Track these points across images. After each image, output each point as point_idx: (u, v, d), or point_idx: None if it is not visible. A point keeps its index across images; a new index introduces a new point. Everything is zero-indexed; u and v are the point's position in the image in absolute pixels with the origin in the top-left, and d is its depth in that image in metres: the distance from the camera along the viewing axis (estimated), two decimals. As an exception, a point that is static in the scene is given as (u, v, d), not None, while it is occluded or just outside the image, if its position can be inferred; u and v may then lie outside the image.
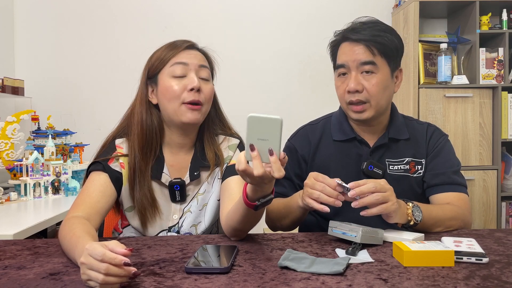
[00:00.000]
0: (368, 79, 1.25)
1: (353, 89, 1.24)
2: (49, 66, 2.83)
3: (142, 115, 1.20)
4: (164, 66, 1.18)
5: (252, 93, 2.86)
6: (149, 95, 1.22)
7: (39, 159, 2.02)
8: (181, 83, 1.16)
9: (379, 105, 1.27)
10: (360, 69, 1.25)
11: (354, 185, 1.03)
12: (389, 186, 1.06)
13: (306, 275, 0.82)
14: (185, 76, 1.17)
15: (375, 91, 1.25)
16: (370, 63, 1.24)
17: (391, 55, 1.27)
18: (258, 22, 2.90)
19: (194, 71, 1.18)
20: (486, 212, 2.57)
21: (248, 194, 0.97)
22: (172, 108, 1.16)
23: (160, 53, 1.21)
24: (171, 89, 1.16)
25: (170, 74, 1.17)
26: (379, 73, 1.25)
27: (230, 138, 1.30)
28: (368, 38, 1.24)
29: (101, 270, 0.74)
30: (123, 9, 2.84)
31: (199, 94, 1.16)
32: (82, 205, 1.10)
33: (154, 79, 1.21)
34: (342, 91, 1.29)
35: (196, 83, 1.15)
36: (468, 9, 2.66)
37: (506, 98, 2.58)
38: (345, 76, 1.29)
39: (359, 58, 1.24)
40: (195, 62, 1.19)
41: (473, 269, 0.86)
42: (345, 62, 1.27)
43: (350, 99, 1.27)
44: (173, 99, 1.16)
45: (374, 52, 1.24)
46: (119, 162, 1.20)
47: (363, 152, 1.33)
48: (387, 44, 1.25)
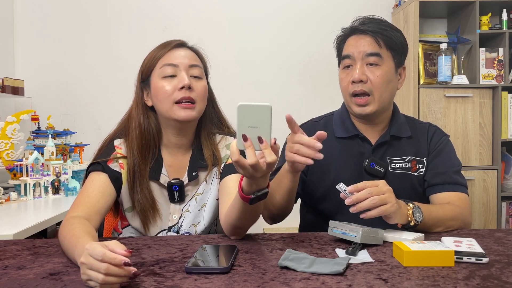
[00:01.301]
0: (372, 70, 1.26)
1: (358, 79, 1.25)
2: (49, 66, 2.83)
3: (139, 119, 1.21)
4: (154, 67, 1.19)
5: (252, 93, 2.86)
6: (145, 98, 1.23)
7: (39, 159, 2.02)
8: (172, 83, 1.17)
9: (382, 99, 1.27)
10: (365, 61, 1.26)
11: (352, 188, 1.03)
12: (387, 188, 1.05)
13: (306, 275, 0.82)
14: (176, 75, 1.18)
15: (379, 83, 1.25)
16: (376, 54, 1.25)
17: (397, 50, 1.29)
18: (258, 22, 2.90)
19: (185, 70, 1.18)
20: (486, 212, 2.56)
21: (243, 188, 0.97)
22: (165, 108, 1.17)
23: (151, 55, 1.22)
24: (162, 90, 1.16)
25: (160, 75, 1.18)
26: (384, 66, 1.26)
27: (228, 137, 1.31)
28: (375, 30, 1.26)
29: (101, 270, 0.74)
30: (123, 9, 2.84)
31: (190, 91, 1.17)
32: (82, 205, 1.10)
33: (147, 81, 1.22)
34: (346, 83, 1.30)
35: (186, 81, 1.15)
36: (468, 9, 2.66)
37: (506, 98, 2.58)
38: (350, 68, 1.30)
39: (365, 49, 1.26)
40: (185, 62, 1.19)
41: (473, 269, 0.86)
42: (351, 53, 1.28)
43: (354, 90, 1.27)
44: (165, 99, 1.16)
45: (381, 44, 1.26)
46: (118, 162, 1.20)
47: (365, 149, 1.33)
48: (393, 38, 1.27)
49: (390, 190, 1.06)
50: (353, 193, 1.03)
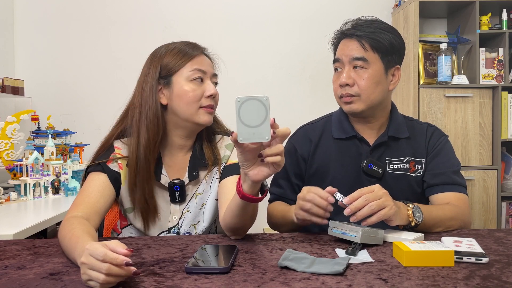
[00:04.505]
0: (359, 73, 1.28)
1: (344, 83, 1.28)
2: (49, 66, 2.83)
3: (157, 115, 1.17)
4: (181, 68, 1.18)
5: (251, 93, 2.84)
6: (159, 95, 1.20)
7: (39, 159, 2.02)
8: (200, 89, 1.18)
9: (370, 99, 1.28)
10: (352, 64, 1.28)
11: (349, 200, 1.04)
12: (383, 192, 1.05)
13: (306, 275, 0.82)
14: (202, 81, 1.19)
15: (365, 86, 1.27)
16: (361, 59, 1.27)
17: (385, 51, 1.28)
18: (258, 22, 2.90)
19: (210, 78, 1.21)
20: (486, 212, 2.56)
21: (244, 188, 0.97)
22: (190, 112, 1.18)
23: (176, 54, 1.19)
24: (192, 94, 1.17)
25: (189, 78, 1.18)
26: (370, 69, 1.27)
27: (226, 137, 1.31)
28: (361, 34, 1.28)
29: (102, 270, 0.74)
30: (123, 9, 2.84)
31: (214, 100, 1.21)
32: (81, 205, 1.10)
33: (167, 80, 1.19)
34: (336, 86, 1.33)
35: (214, 90, 1.20)
36: (468, 9, 2.66)
37: (506, 98, 2.58)
38: (339, 71, 1.32)
39: (351, 53, 1.28)
40: (210, 70, 1.22)
41: (473, 269, 0.86)
42: (339, 56, 1.32)
43: (341, 93, 1.30)
44: (192, 103, 1.17)
45: (366, 48, 1.27)
46: (117, 162, 1.20)
47: (363, 150, 1.33)
48: (380, 40, 1.27)
49: (386, 193, 1.06)
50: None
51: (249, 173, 0.92)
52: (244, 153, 0.90)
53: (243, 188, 0.97)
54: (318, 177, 1.35)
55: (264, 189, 1.01)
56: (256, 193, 0.98)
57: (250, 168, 0.92)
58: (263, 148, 0.90)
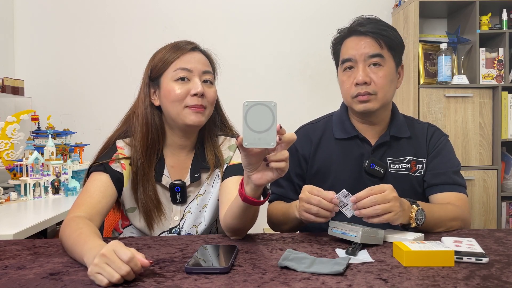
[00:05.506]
0: (375, 71, 1.26)
1: (362, 81, 1.25)
2: (49, 66, 2.83)
3: (146, 117, 1.19)
4: (167, 69, 1.17)
5: (251, 93, 2.86)
6: (151, 97, 1.21)
7: (39, 159, 2.02)
8: (184, 87, 1.15)
9: (385, 98, 1.28)
10: (368, 62, 1.26)
11: (356, 199, 1.03)
12: (392, 196, 1.03)
13: (306, 275, 0.82)
14: (189, 79, 1.17)
15: (383, 83, 1.26)
16: (378, 55, 1.26)
17: (397, 49, 1.29)
18: (258, 22, 2.90)
19: (198, 76, 1.17)
20: (486, 212, 2.56)
21: (246, 191, 0.97)
22: (175, 111, 1.16)
23: (163, 54, 1.19)
24: (174, 93, 1.15)
25: (173, 78, 1.16)
26: (386, 66, 1.27)
27: (231, 138, 1.30)
28: (376, 30, 1.26)
29: (122, 270, 0.75)
30: (123, 9, 2.84)
31: (202, 99, 1.16)
32: (83, 205, 1.10)
33: (156, 81, 1.20)
34: (348, 85, 1.29)
35: (200, 88, 1.15)
36: (468, 9, 2.66)
37: (506, 98, 2.58)
38: (352, 70, 1.29)
39: (367, 51, 1.26)
40: (198, 67, 1.18)
41: (473, 269, 0.86)
42: (352, 56, 1.27)
43: (358, 92, 1.26)
44: (176, 102, 1.15)
45: (382, 45, 1.26)
46: (120, 163, 1.20)
47: (364, 150, 1.33)
48: (393, 38, 1.27)
49: (396, 198, 1.03)
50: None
51: (252, 177, 0.92)
52: (248, 156, 0.90)
53: (246, 191, 0.96)
54: (320, 177, 1.35)
55: (267, 193, 1.00)
56: (258, 196, 0.97)
57: (253, 172, 0.92)
58: (268, 153, 0.89)
